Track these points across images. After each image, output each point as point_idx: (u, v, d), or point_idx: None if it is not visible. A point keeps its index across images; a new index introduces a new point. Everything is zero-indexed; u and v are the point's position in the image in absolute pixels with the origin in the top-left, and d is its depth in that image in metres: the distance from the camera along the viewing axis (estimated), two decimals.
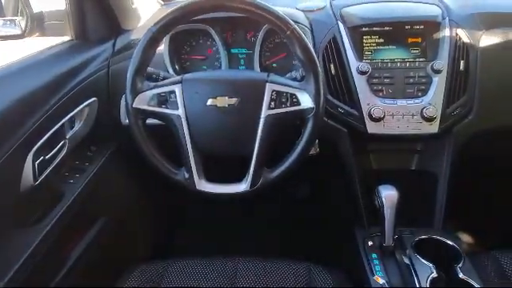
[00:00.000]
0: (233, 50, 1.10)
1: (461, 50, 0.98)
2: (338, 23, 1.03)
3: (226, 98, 0.79)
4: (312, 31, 1.05)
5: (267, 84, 0.79)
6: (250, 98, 0.79)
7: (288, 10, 1.06)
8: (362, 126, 0.96)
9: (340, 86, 0.98)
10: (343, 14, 1.05)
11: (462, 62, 0.97)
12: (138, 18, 1.16)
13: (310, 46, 0.77)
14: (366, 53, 1.02)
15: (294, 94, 0.79)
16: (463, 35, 0.99)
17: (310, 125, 0.79)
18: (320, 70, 0.78)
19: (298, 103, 0.79)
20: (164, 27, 0.78)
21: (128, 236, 1.21)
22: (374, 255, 0.90)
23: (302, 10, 1.13)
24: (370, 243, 0.94)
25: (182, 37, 1.08)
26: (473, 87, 0.98)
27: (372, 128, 0.96)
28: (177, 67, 1.07)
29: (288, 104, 0.79)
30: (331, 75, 0.99)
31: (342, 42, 1.00)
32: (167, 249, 1.38)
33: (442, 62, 0.96)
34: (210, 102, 0.79)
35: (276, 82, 0.80)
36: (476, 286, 0.77)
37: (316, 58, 0.77)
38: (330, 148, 1.01)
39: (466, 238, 1.35)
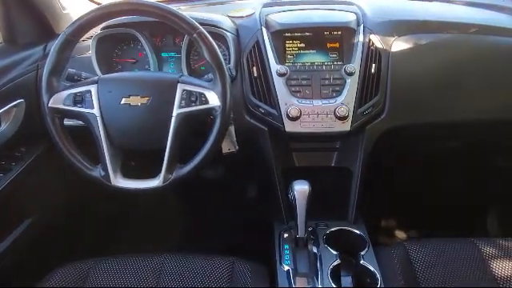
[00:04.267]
0: (163, 54, 1.14)
1: (373, 54, 1.04)
2: (261, 28, 1.09)
3: (139, 97, 0.84)
4: (238, 36, 1.11)
5: (178, 84, 0.84)
6: (161, 97, 0.84)
7: (214, 16, 1.11)
8: (280, 124, 1.02)
9: (261, 87, 1.04)
10: (268, 20, 1.11)
11: (373, 65, 1.03)
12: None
13: (217, 48, 0.83)
14: (289, 56, 1.08)
15: (203, 93, 0.84)
16: (376, 41, 1.06)
17: (217, 122, 0.84)
18: (226, 70, 0.83)
19: (207, 102, 0.84)
20: (77, 29, 0.83)
21: (57, 237, 1.21)
22: (287, 246, 0.95)
23: (232, 17, 1.19)
24: (286, 235, 0.99)
25: (113, 40, 1.12)
26: (384, 88, 1.04)
27: (289, 127, 1.01)
28: (107, 70, 1.10)
29: (197, 103, 0.84)
30: (254, 77, 1.05)
31: (265, 46, 1.06)
32: (102, 249, 1.40)
33: (354, 65, 1.02)
34: (123, 100, 0.84)
35: (186, 82, 0.85)
36: (371, 269, 0.83)
37: (222, 60, 0.83)
38: (252, 146, 1.06)
39: (379, 229, 1.43)
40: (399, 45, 1.08)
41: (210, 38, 0.82)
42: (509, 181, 1.44)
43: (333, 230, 0.98)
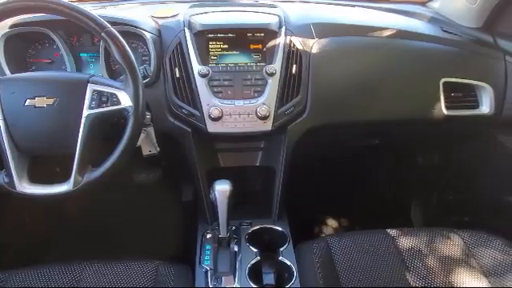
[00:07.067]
0: (81, 54, 1.10)
1: (294, 56, 1.06)
2: (184, 29, 1.08)
3: (45, 98, 0.80)
4: (160, 37, 1.09)
5: (88, 84, 0.82)
6: (70, 98, 0.81)
7: (134, 16, 1.08)
8: (202, 125, 1.02)
9: (184, 88, 1.03)
10: (191, 21, 1.11)
11: (294, 66, 1.06)
12: None
13: (127, 48, 0.81)
14: (212, 57, 1.08)
15: (115, 94, 0.82)
16: (297, 42, 1.08)
17: (130, 123, 0.82)
18: (138, 70, 0.82)
19: (118, 103, 0.82)
20: None
21: None
22: (208, 246, 0.95)
23: (155, 17, 1.17)
24: (209, 236, 0.99)
25: (26, 39, 1.06)
26: (306, 89, 1.07)
27: (212, 127, 1.02)
28: (19, 71, 1.04)
29: (109, 104, 0.82)
30: (176, 78, 1.04)
31: (187, 47, 1.05)
32: (21, 260, 1.32)
33: (275, 66, 1.04)
34: (28, 102, 0.80)
35: (97, 82, 0.83)
36: (288, 263, 0.85)
37: (133, 60, 0.81)
38: (176, 148, 1.05)
39: (305, 226, 1.47)
40: (319, 47, 1.12)
41: (120, 38, 0.80)
42: (428, 176, 1.54)
43: (255, 228, 0.99)
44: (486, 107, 1.16)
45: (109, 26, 0.79)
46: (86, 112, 0.81)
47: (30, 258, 1.29)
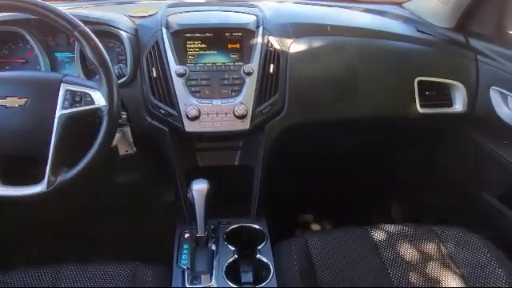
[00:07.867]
0: (57, 54, 1.09)
1: (271, 55, 1.07)
2: (161, 29, 1.08)
3: (16, 98, 0.79)
4: (137, 36, 1.09)
5: (62, 84, 0.81)
6: (42, 98, 0.80)
7: (109, 15, 1.07)
8: (180, 125, 1.01)
9: (161, 87, 1.03)
10: (168, 20, 1.10)
11: (272, 65, 1.06)
12: None
13: (101, 47, 0.80)
14: (190, 57, 1.08)
15: (88, 94, 0.81)
16: (274, 42, 1.09)
17: (104, 123, 0.81)
18: (112, 69, 0.81)
19: (92, 102, 0.81)
20: None
21: None
22: (186, 246, 0.95)
23: (132, 17, 1.16)
24: (187, 235, 0.99)
25: None
26: (283, 88, 1.07)
27: (189, 127, 1.01)
28: None
29: (82, 103, 0.81)
30: (153, 77, 1.03)
31: (164, 46, 1.05)
32: None
33: (252, 66, 1.05)
34: None
35: (71, 81, 0.82)
36: (265, 261, 0.86)
37: (106, 59, 0.81)
38: (154, 147, 1.05)
39: (286, 225, 1.48)
40: (296, 46, 1.12)
41: (93, 36, 0.79)
42: (407, 174, 1.57)
43: (233, 227, 0.99)
44: (459, 105, 1.19)
45: (81, 24, 0.79)
46: (58, 112, 0.80)
47: (3, 260, 1.27)
